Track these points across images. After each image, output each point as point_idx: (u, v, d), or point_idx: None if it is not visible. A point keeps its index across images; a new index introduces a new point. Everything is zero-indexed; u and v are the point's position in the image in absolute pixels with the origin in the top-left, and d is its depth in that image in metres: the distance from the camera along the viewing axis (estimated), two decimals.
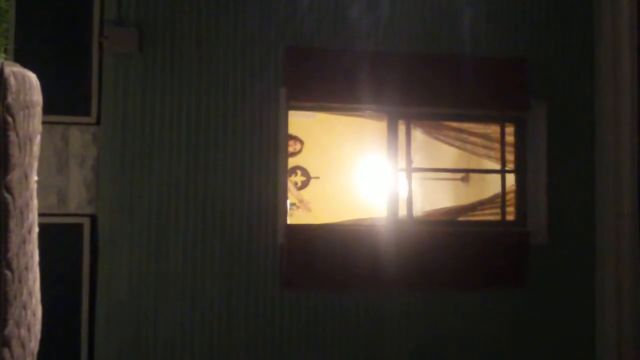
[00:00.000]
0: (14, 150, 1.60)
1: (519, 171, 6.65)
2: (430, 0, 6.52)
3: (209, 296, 6.04)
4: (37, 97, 1.83)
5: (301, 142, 9.08)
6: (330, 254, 6.13)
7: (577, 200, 6.66)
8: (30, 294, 1.89)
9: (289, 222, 6.32)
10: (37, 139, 1.86)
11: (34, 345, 1.93)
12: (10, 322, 1.66)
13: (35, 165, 1.86)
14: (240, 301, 6.09)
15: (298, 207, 8.70)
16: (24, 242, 1.78)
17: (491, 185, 7.45)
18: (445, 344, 6.39)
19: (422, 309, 6.37)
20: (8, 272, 1.64)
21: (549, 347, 6.54)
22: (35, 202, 1.90)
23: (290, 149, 8.85)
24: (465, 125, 7.05)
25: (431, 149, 8.17)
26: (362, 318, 6.27)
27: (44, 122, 1.98)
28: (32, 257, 1.92)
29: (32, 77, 1.77)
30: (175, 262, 6.00)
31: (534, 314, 6.53)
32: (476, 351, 6.44)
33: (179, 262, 6.00)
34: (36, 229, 1.95)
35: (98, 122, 6.04)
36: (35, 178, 1.88)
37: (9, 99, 1.54)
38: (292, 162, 9.04)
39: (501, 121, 6.70)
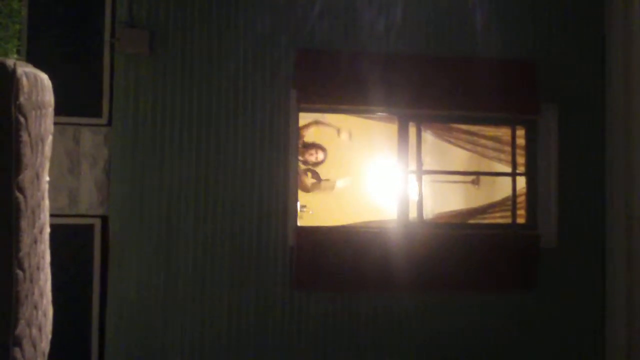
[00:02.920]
0: (26, 151, 1.60)
1: (529, 174, 6.64)
2: (440, 3, 6.52)
3: (219, 297, 6.05)
4: (49, 97, 1.83)
5: (324, 150, 8.81)
6: (340, 256, 6.13)
7: (588, 203, 6.64)
8: (41, 294, 1.90)
9: (299, 224, 6.32)
10: (49, 139, 1.87)
11: (44, 345, 1.94)
12: (22, 321, 1.67)
13: (47, 165, 1.87)
14: (250, 302, 6.10)
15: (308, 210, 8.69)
16: (35, 242, 1.78)
17: (502, 188, 7.43)
18: (455, 346, 6.38)
19: (432, 311, 6.36)
20: (19, 272, 1.64)
21: (559, 350, 6.52)
22: (46, 203, 1.91)
23: (312, 158, 8.67)
24: (475, 128, 7.04)
25: (442, 151, 8.16)
26: (373, 320, 6.27)
27: (55, 123, 1.99)
28: (43, 257, 1.93)
29: (44, 77, 1.78)
30: (185, 263, 6.01)
31: (544, 317, 6.51)
32: (486, 353, 6.42)
33: (189, 263, 6.02)
34: (47, 229, 1.95)
35: (109, 123, 6.06)
36: (47, 178, 1.89)
37: (21, 99, 1.55)
38: None
39: (512, 124, 6.69)
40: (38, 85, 1.69)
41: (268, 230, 6.13)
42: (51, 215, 2.02)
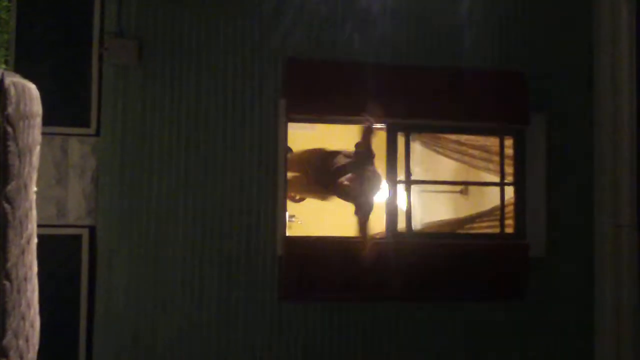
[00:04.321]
0: (14, 161, 1.60)
1: (518, 184, 6.65)
2: (429, 13, 6.55)
3: (207, 307, 6.03)
4: (37, 107, 1.83)
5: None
6: (329, 266, 6.12)
7: (576, 212, 6.67)
8: (28, 305, 1.88)
9: (287, 234, 6.32)
10: (37, 149, 1.86)
11: (31, 356, 1.92)
12: (9, 333, 1.66)
13: (35, 176, 1.86)
14: (239, 312, 6.08)
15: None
16: (22, 252, 1.77)
17: (490, 198, 7.44)
18: (444, 356, 6.38)
19: (421, 321, 6.36)
20: (7, 283, 1.63)
21: (548, 359, 6.53)
22: (34, 213, 1.90)
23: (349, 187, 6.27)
24: (464, 138, 7.07)
25: (430, 161, 8.17)
26: (361, 330, 6.26)
27: (43, 133, 1.98)
28: (31, 268, 1.92)
29: (32, 87, 1.77)
30: (173, 274, 5.99)
31: (533, 327, 6.52)
32: None
33: (178, 274, 6.00)
34: (35, 240, 1.94)
35: (97, 133, 6.04)
36: (35, 189, 1.88)
37: (9, 110, 1.54)
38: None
39: (500, 134, 6.71)
40: (26, 95, 1.69)
41: (257, 240, 6.12)
42: (38, 226, 2.01)
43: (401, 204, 6.58)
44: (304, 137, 8.43)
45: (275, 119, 6.20)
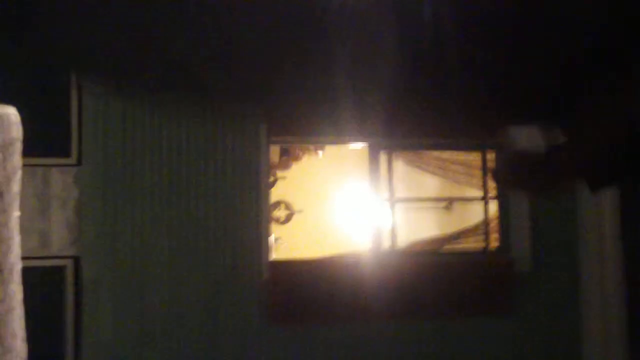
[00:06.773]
0: None
1: (501, 198, 6.67)
2: (409, 31, 6.57)
3: (194, 334, 5.98)
4: (17, 132, 1.81)
5: None
6: (315, 289, 6.10)
7: (561, 225, 6.67)
8: (14, 335, 1.86)
9: (274, 257, 6.29)
10: (18, 175, 1.85)
11: None
12: None
13: (17, 202, 1.84)
14: (225, 338, 6.03)
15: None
16: (3, 283, 1.75)
17: (474, 213, 7.46)
18: None
19: (408, 340, 6.33)
20: None
21: None
22: (17, 240, 1.88)
23: None
24: (446, 154, 7.08)
25: (413, 178, 8.19)
26: (349, 352, 6.22)
27: (24, 165, 1.96)
28: (14, 297, 1.89)
29: (11, 113, 1.75)
30: (159, 302, 5.94)
31: (520, 342, 6.50)
32: None
33: (164, 302, 5.95)
34: (19, 267, 1.92)
35: (79, 163, 6.00)
36: (18, 213, 1.86)
37: None
38: (274, 196, 9.00)
39: (482, 148, 6.73)
40: (4, 123, 1.67)
41: (242, 264, 6.08)
42: (22, 258, 1.98)
43: (385, 222, 6.58)
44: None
45: (256, 141, 6.18)
